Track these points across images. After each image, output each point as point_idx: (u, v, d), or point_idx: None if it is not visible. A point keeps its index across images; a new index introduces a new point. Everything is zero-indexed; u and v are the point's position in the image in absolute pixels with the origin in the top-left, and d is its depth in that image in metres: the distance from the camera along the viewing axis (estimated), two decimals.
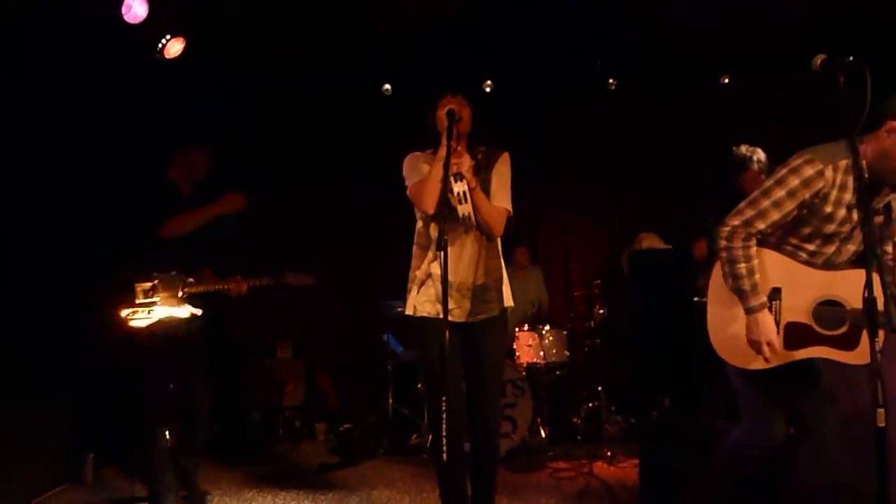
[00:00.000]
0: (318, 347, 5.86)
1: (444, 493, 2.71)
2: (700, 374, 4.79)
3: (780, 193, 2.37)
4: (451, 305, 2.65)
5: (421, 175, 2.73)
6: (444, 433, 2.33)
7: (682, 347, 4.99)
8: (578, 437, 4.92)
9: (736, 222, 2.44)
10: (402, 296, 2.85)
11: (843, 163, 2.31)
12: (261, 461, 4.63)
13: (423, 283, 2.73)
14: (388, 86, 5.61)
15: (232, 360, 5.31)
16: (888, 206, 2.43)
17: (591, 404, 5.06)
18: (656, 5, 4.56)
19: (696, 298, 4.21)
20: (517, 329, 4.85)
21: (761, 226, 2.41)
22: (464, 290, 2.69)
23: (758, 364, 2.48)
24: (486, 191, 2.70)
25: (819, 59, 2.17)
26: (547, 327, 4.84)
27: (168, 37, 4.16)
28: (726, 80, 5.56)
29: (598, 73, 5.58)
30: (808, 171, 2.33)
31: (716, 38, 4.93)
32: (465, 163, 2.57)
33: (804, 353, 2.45)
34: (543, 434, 4.71)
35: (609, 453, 4.45)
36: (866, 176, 2.28)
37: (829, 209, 2.35)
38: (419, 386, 4.87)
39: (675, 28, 4.78)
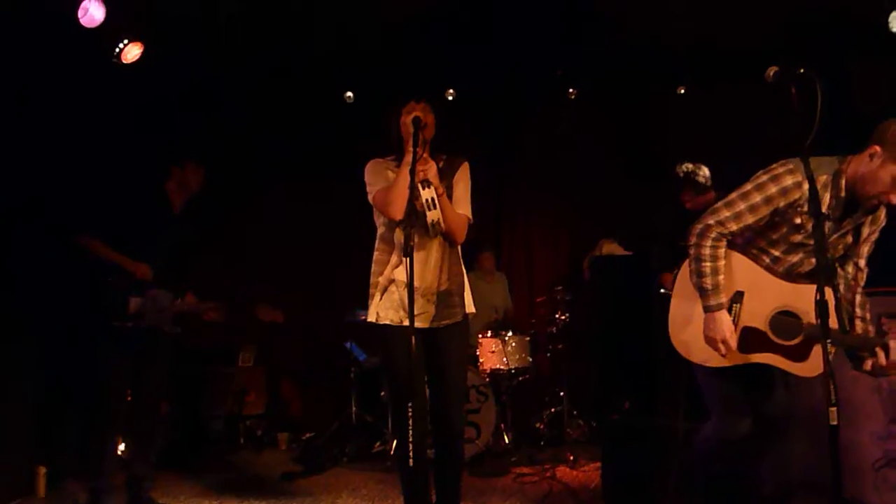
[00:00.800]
0: (281, 355, 5.80)
1: (408, 499, 2.71)
2: (660, 376, 4.89)
3: (756, 198, 2.43)
4: (416, 311, 2.64)
5: (386, 181, 2.73)
6: (409, 439, 2.33)
7: (642, 351, 5.09)
8: (542, 442, 4.97)
9: (710, 221, 2.48)
10: (365, 302, 2.84)
11: (823, 178, 2.38)
12: (221, 471, 4.55)
13: (385, 290, 2.72)
14: (350, 93, 5.60)
15: (192, 367, 5.22)
16: (858, 228, 2.50)
17: (553, 409, 5.12)
18: (617, 14, 4.65)
19: (662, 290, 4.30)
20: (480, 335, 4.87)
21: (734, 227, 2.46)
22: (429, 295, 2.70)
23: (712, 362, 2.54)
24: (449, 198, 2.72)
25: (772, 70, 2.23)
26: (510, 333, 4.88)
27: (126, 41, 4.08)
28: (682, 91, 5.70)
29: (559, 81, 5.66)
30: (788, 181, 2.38)
31: (676, 47, 5.06)
32: (432, 169, 2.58)
33: (757, 358, 2.52)
34: (507, 439, 4.74)
35: (571, 457, 4.50)
36: (842, 194, 2.37)
37: (799, 220, 2.41)
38: (382, 393, 4.86)
39: (636, 37, 4.89)
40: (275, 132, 5.68)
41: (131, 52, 4.12)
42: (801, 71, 2.19)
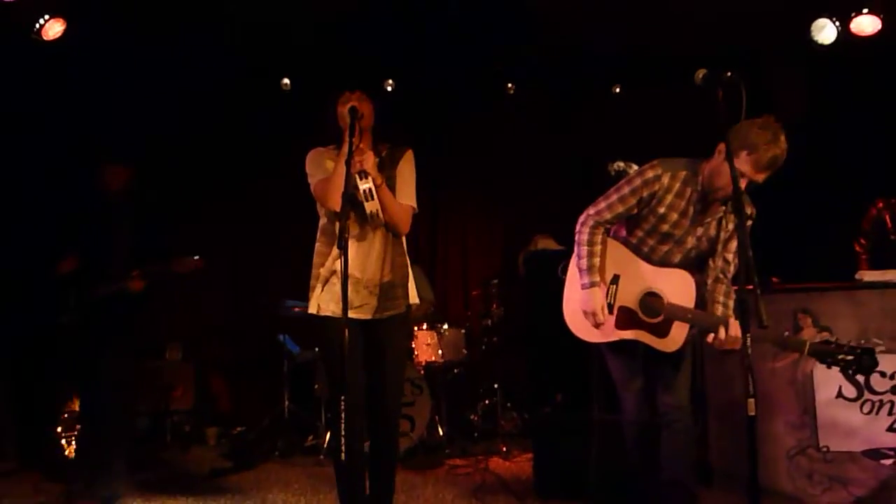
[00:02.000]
0: (210, 349, 5.66)
1: (342, 493, 2.69)
2: (591, 369, 4.99)
3: (625, 190, 2.74)
4: (357, 302, 2.64)
5: (325, 172, 2.68)
6: (342, 433, 2.31)
7: (574, 345, 5.17)
8: (475, 434, 5.02)
9: (590, 212, 2.80)
10: (299, 295, 2.79)
11: (682, 174, 2.69)
12: (147, 468, 4.39)
13: (327, 281, 2.69)
14: (286, 80, 5.50)
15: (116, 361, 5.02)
16: (720, 222, 2.74)
17: (487, 401, 5.17)
18: (554, 13, 4.72)
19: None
20: (416, 328, 4.88)
21: (608, 216, 2.77)
22: (371, 286, 2.68)
23: (592, 337, 2.83)
24: (392, 188, 2.70)
25: (700, 73, 2.36)
26: (445, 326, 4.90)
27: (46, 17, 3.89)
28: (617, 90, 5.84)
29: (496, 78, 5.71)
30: (649, 174, 2.70)
31: (610, 49, 5.17)
32: (369, 160, 2.56)
33: (629, 335, 2.78)
34: (441, 432, 4.76)
35: (504, 449, 4.56)
36: (699, 188, 2.67)
37: (662, 210, 2.71)
38: (316, 387, 4.80)
39: (572, 38, 4.98)
40: (209, 119, 5.51)
41: (53, 28, 3.93)
42: (728, 74, 2.30)
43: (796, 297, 3.59)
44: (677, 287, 2.69)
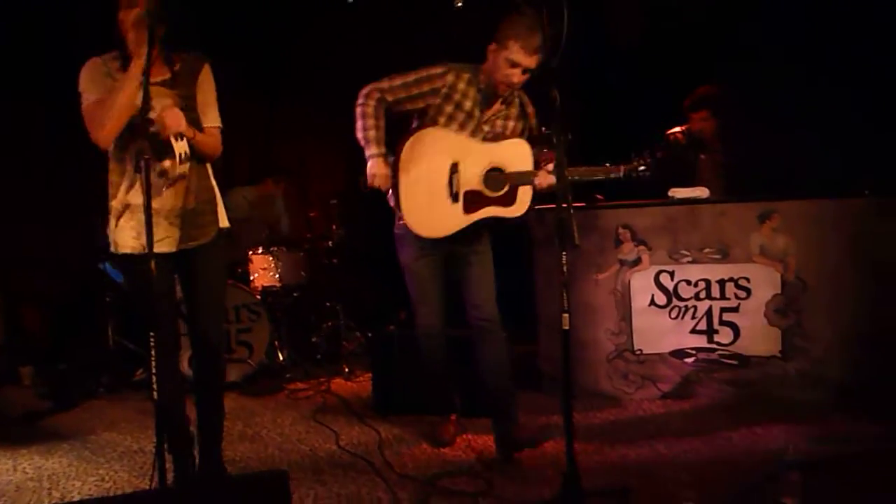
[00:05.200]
0: (21, 279, 5.10)
1: (159, 433, 2.54)
2: None
3: (411, 77, 2.84)
4: (159, 235, 2.40)
5: (103, 91, 2.35)
6: (153, 371, 2.16)
7: None
8: (319, 357, 4.98)
9: (376, 85, 2.86)
10: None
11: (466, 75, 2.85)
12: None
13: (121, 215, 2.44)
14: None
15: None
16: (505, 120, 2.96)
17: (330, 323, 5.12)
18: None
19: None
20: (251, 252, 4.68)
21: (390, 97, 2.84)
22: (172, 217, 2.46)
23: (442, 231, 2.85)
24: (192, 108, 2.45)
25: None
26: (282, 249, 4.73)
27: None
28: (459, 5, 5.70)
29: None
30: (436, 70, 2.85)
31: None
32: (180, 119, 2.30)
33: (480, 215, 2.86)
34: (281, 357, 4.68)
35: (347, 369, 4.58)
36: (482, 86, 2.86)
37: (449, 109, 2.84)
38: None
39: None
40: None
41: None
42: None
43: (618, 214, 3.80)
44: (515, 156, 2.81)
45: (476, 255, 3.00)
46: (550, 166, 2.72)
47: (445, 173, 2.81)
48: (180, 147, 2.30)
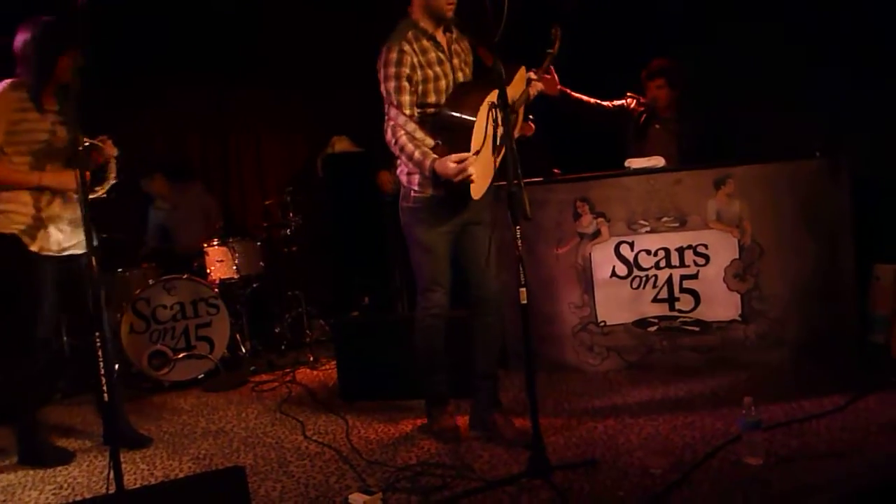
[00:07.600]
0: None
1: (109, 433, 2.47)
2: (395, 269, 5.03)
3: (392, 83, 2.71)
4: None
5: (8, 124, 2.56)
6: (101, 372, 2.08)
7: (376, 246, 5.18)
8: (282, 346, 4.91)
9: (392, 123, 2.76)
10: None
11: (409, 34, 2.74)
12: None
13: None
14: None
15: None
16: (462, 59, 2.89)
17: (292, 312, 5.04)
18: None
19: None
20: (206, 245, 4.56)
21: (408, 112, 2.73)
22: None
23: (481, 191, 2.71)
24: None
25: None
26: (239, 240, 4.63)
27: None
28: None
29: None
30: (392, 54, 2.71)
31: None
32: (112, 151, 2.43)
33: (501, 153, 2.73)
34: (244, 349, 4.59)
35: (312, 358, 4.51)
36: (428, 32, 2.75)
37: (430, 72, 2.74)
38: None
39: None
40: None
41: None
42: None
43: (576, 187, 3.79)
44: (515, 82, 2.79)
45: (482, 228, 2.86)
46: (532, 73, 2.85)
47: (488, 127, 2.63)
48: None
